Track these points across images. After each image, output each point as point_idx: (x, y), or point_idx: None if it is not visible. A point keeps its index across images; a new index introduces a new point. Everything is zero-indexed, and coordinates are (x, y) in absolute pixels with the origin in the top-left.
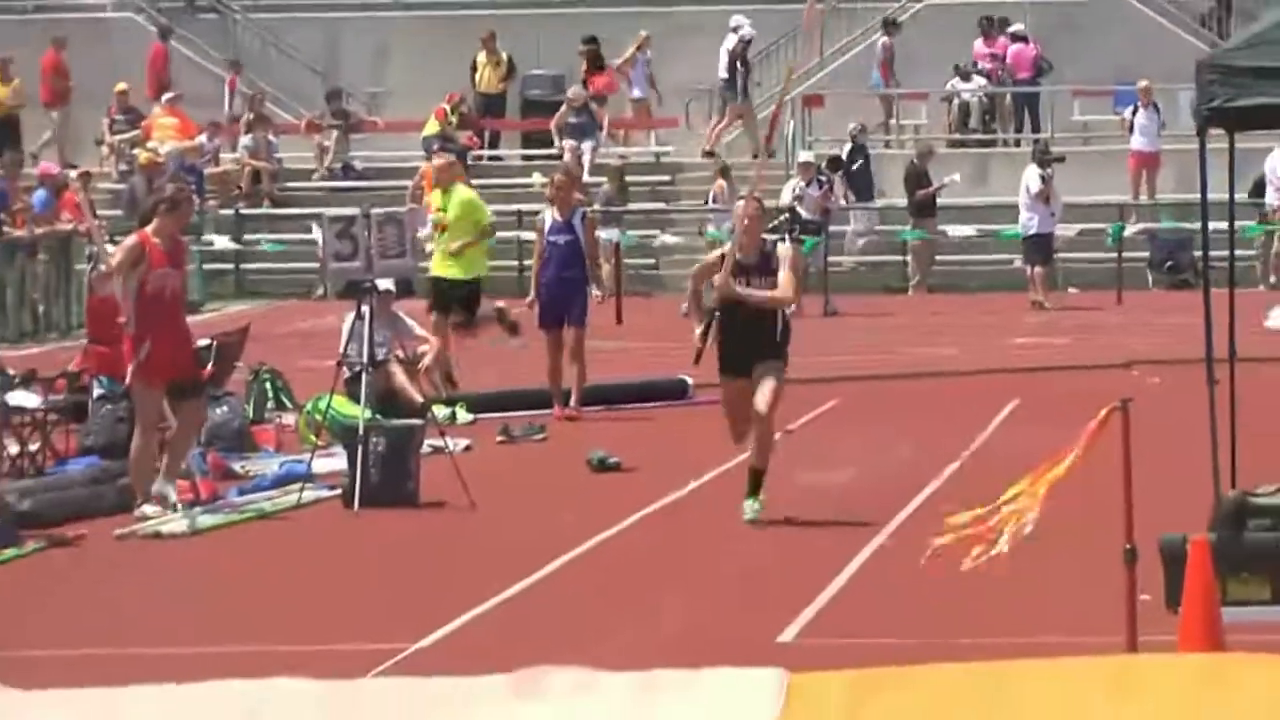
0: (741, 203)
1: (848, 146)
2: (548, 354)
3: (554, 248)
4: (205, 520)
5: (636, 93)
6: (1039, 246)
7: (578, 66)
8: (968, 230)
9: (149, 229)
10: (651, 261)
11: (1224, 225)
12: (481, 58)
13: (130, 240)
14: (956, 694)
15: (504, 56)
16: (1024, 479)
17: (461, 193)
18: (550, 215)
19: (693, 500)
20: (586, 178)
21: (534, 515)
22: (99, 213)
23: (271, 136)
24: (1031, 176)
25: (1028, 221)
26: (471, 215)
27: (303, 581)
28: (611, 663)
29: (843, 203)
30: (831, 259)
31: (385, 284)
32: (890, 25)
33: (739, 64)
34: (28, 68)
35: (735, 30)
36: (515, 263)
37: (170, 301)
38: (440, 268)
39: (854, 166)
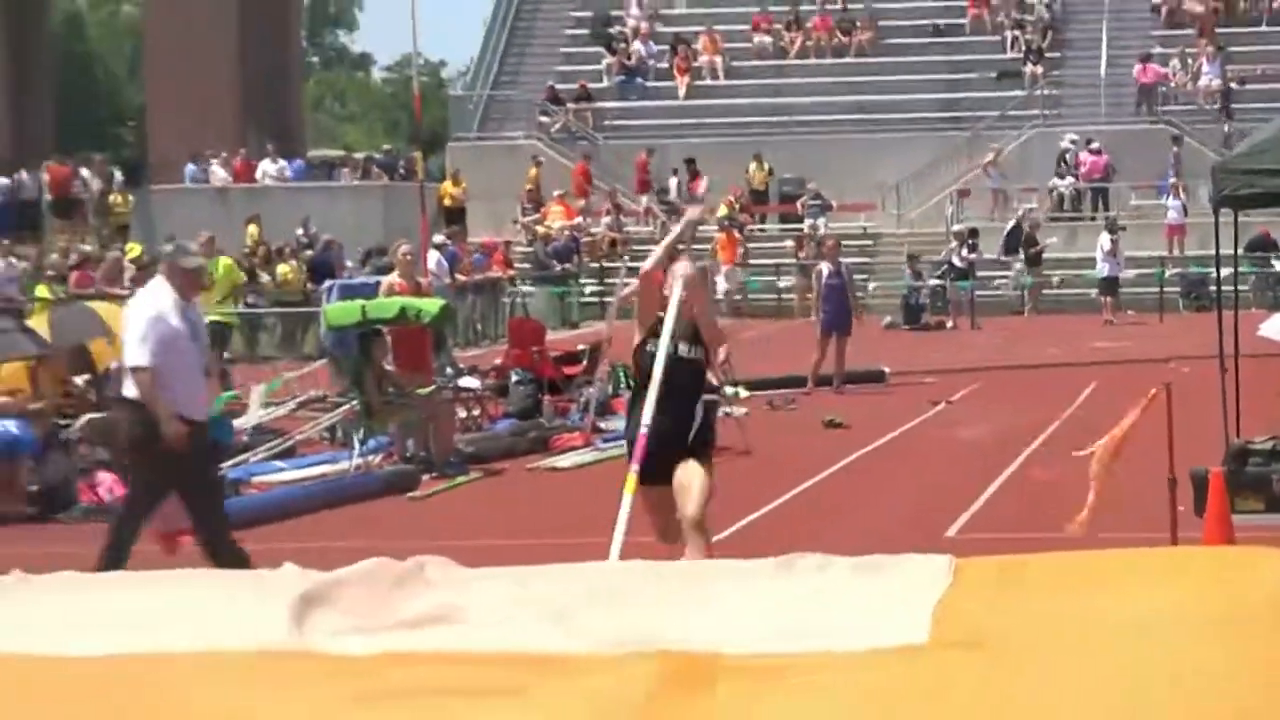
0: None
1: (1010, 224)
2: (818, 351)
3: (830, 287)
4: (584, 457)
5: None
6: (1109, 284)
7: (811, 170)
8: (1063, 273)
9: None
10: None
11: (1229, 270)
12: (753, 166)
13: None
14: (1068, 569)
15: (767, 165)
16: (1105, 437)
17: None
18: (826, 266)
19: (891, 446)
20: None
21: (785, 457)
22: (515, 265)
23: (621, 217)
24: (1104, 239)
25: (1102, 268)
26: None
27: None
28: (841, 549)
29: (986, 256)
30: (977, 293)
31: None
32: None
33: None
34: (472, 175)
35: None
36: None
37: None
38: None
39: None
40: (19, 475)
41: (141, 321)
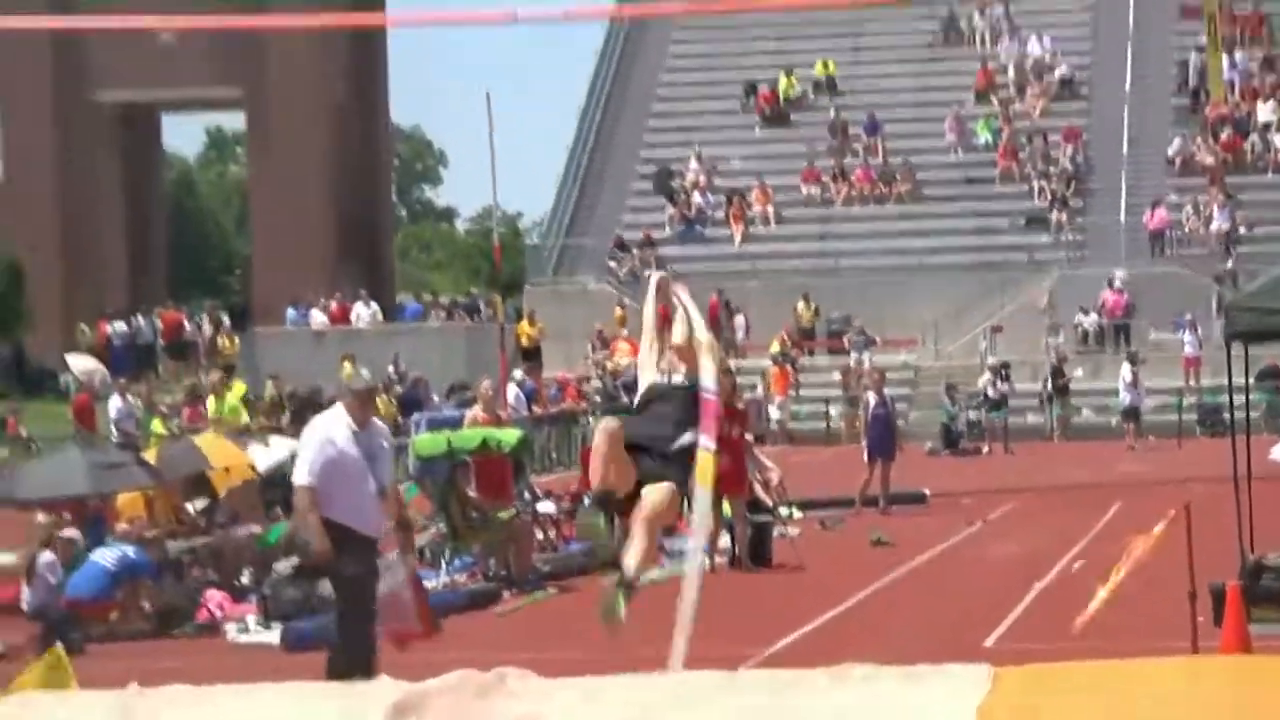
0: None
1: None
2: (865, 475)
3: (875, 416)
4: (652, 574)
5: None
6: (1131, 413)
7: (856, 309)
8: (1089, 402)
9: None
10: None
11: (1242, 399)
12: (800, 305)
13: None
14: (1105, 679)
15: (814, 306)
16: (1124, 551)
17: None
18: (871, 396)
19: (932, 562)
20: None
21: (835, 573)
22: (587, 398)
23: None
24: (1126, 371)
25: (1124, 397)
26: None
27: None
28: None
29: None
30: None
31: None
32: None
33: None
34: (547, 315)
35: None
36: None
37: None
38: None
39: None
40: (138, 596)
41: (310, 443)
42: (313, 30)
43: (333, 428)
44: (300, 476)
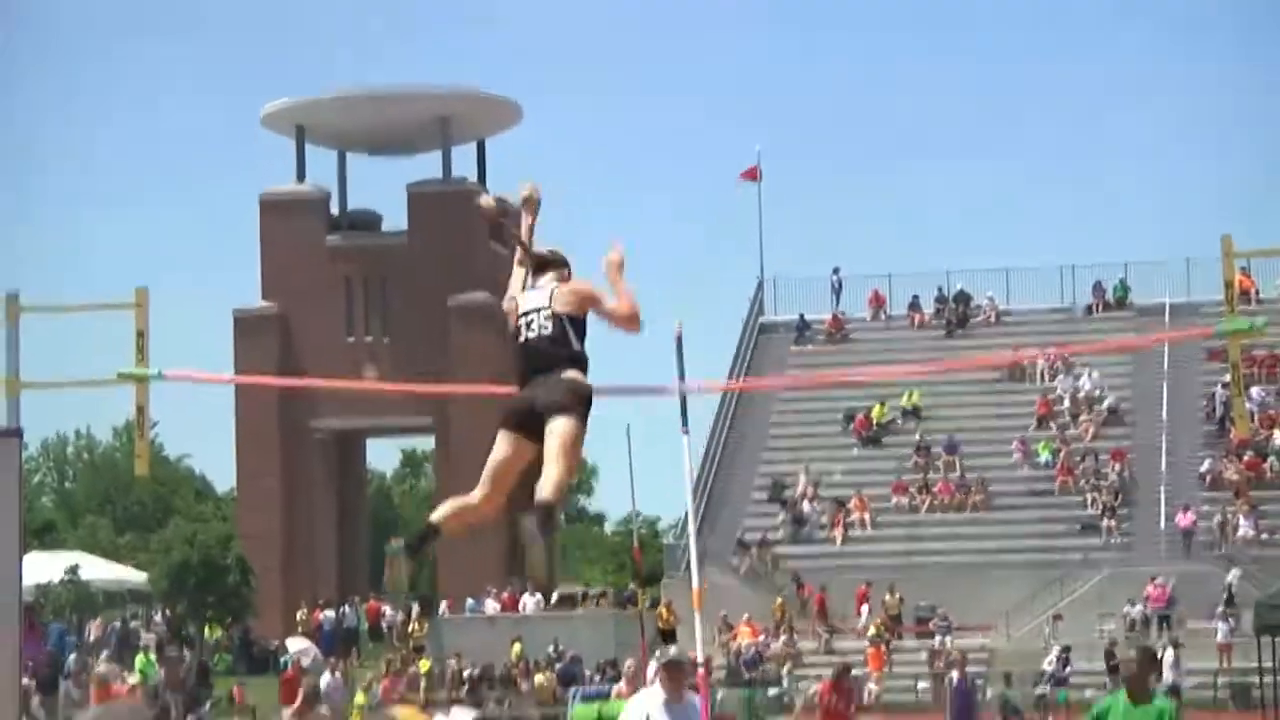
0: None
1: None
2: None
3: (957, 692)
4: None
5: None
6: (1173, 691)
7: (939, 599)
8: None
9: None
10: (980, 697)
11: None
12: (887, 596)
13: None
14: None
15: (898, 595)
16: None
17: None
18: (954, 674)
19: None
20: None
21: None
22: (713, 672)
23: (795, 636)
24: (1169, 654)
25: (1167, 676)
26: None
27: None
28: None
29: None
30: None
31: None
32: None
33: None
34: (682, 606)
35: None
36: (913, 696)
37: None
38: None
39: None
40: None
41: (627, 712)
42: (485, 394)
43: (648, 700)
44: None
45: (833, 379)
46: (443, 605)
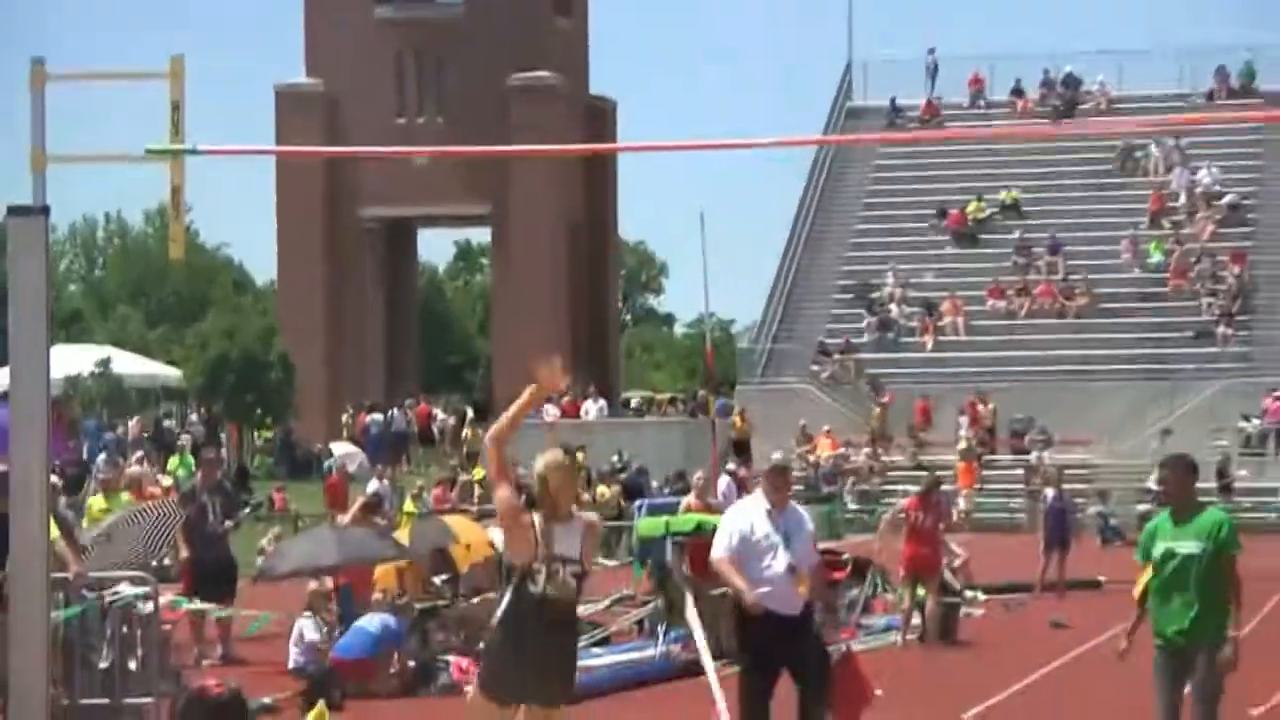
0: None
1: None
2: (1045, 561)
3: (1052, 509)
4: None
5: None
6: None
7: (1037, 411)
8: (1252, 500)
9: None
10: (1079, 516)
11: None
12: (981, 407)
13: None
14: None
15: (992, 406)
16: None
17: None
18: (1049, 491)
19: (1109, 643)
20: None
21: (1016, 652)
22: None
23: (879, 448)
24: None
25: None
26: None
27: (899, 678)
28: None
29: None
30: None
31: None
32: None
33: None
34: (756, 412)
35: None
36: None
37: None
38: None
39: None
40: (390, 658)
41: (725, 520)
42: (553, 154)
43: (749, 508)
44: (714, 550)
45: (930, 136)
46: (502, 410)
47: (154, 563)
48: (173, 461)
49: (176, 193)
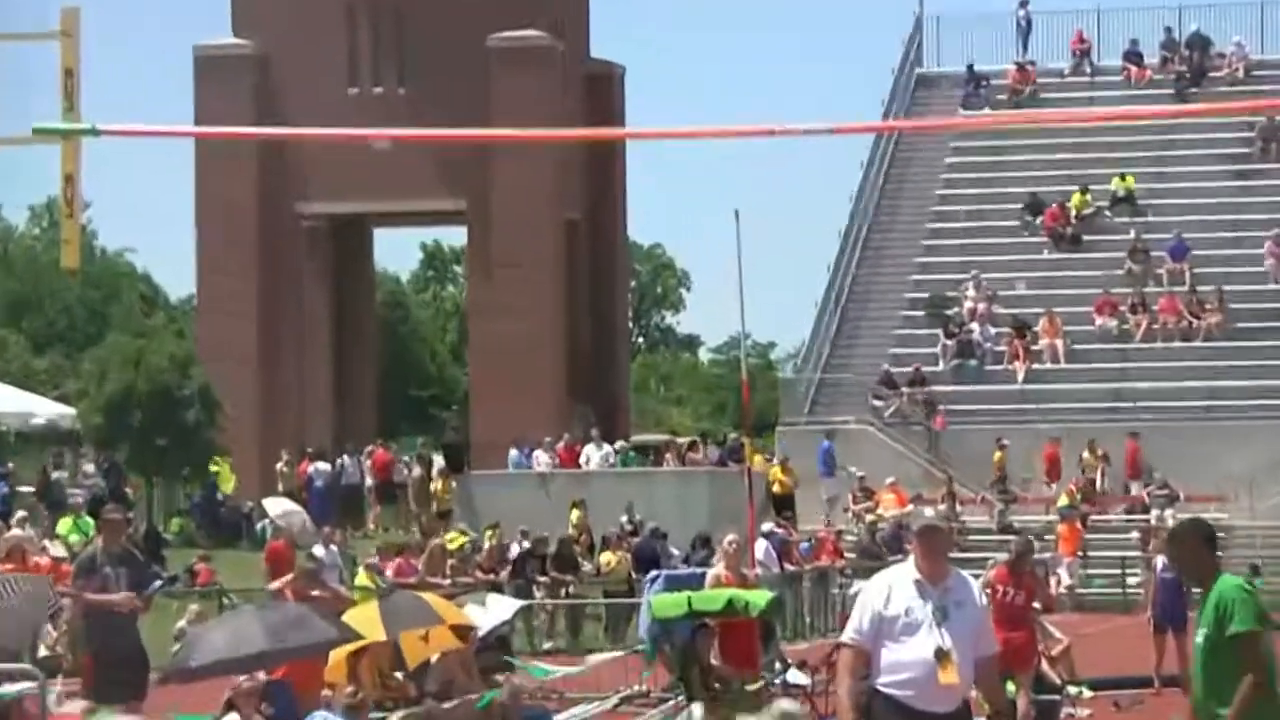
0: None
1: None
2: (1154, 648)
3: (1163, 581)
4: None
5: None
6: None
7: (1157, 459)
8: None
9: None
10: None
11: None
12: (1086, 454)
13: None
14: None
15: (1102, 453)
16: None
17: None
18: (1160, 559)
19: None
20: None
21: None
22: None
23: (958, 505)
24: None
25: None
26: None
27: None
28: None
29: None
30: None
31: None
32: None
33: None
34: (804, 462)
35: None
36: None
37: None
38: None
39: None
40: None
41: (860, 595)
42: (549, 140)
43: (892, 578)
44: (845, 633)
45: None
46: (477, 457)
47: (24, 653)
48: (64, 524)
49: (70, 183)
